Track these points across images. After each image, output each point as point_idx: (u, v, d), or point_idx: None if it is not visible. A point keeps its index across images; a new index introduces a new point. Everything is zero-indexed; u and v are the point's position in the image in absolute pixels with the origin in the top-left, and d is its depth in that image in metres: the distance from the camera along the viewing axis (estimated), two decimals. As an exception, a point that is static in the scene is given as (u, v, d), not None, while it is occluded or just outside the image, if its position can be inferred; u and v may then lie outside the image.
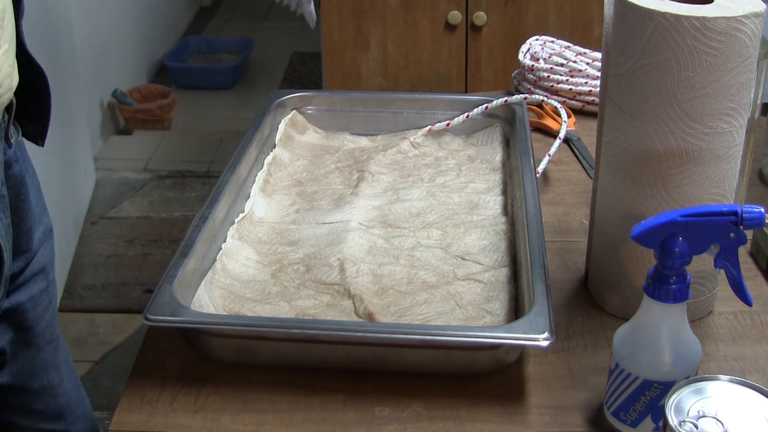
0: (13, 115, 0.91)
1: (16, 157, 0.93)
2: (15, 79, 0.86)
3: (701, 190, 0.73)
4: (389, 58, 1.94)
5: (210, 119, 3.33)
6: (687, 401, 0.55)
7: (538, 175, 0.98)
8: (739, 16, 0.66)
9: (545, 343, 0.66)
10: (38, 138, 0.97)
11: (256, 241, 0.89)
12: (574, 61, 1.25)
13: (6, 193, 0.90)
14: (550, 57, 1.27)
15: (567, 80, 1.24)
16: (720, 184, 0.73)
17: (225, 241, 0.86)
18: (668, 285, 0.61)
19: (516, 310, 0.77)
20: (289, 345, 0.72)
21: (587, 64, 1.25)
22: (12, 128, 0.92)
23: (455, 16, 1.89)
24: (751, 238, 0.89)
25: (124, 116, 3.19)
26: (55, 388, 1.05)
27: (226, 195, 0.88)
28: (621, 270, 0.78)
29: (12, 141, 0.92)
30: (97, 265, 2.42)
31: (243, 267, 0.84)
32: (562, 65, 1.25)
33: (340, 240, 0.87)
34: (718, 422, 0.53)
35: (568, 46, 1.28)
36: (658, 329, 0.63)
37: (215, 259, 0.83)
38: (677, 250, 0.60)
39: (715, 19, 0.66)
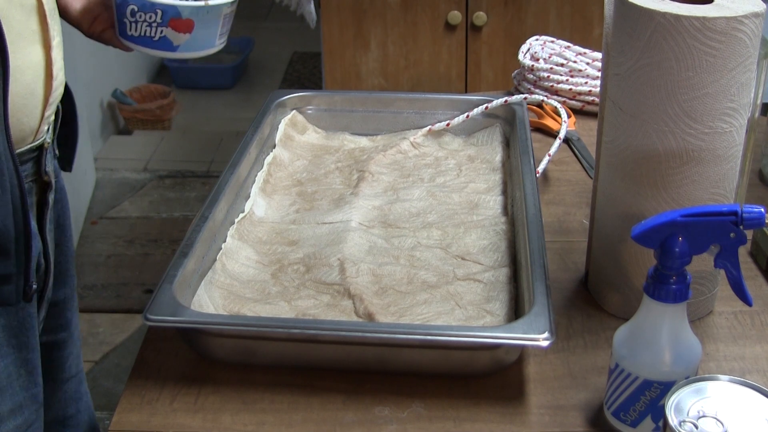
0: (59, 122, 0.87)
1: (59, 171, 0.90)
2: (63, 77, 0.83)
3: (701, 190, 0.73)
4: (389, 58, 1.94)
5: (210, 119, 3.33)
6: (687, 401, 0.55)
7: (538, 175, 0.98)
8: (739, 16, 0.66)
9: (545, 343, 0.66)
10: (66, 164, 0.94)
11: (256, 241, 0.89)
12: (574, 61, 1.25)
13: (53, 200, 0.86)
14: (550, 57, 1.27)
15: (567, 80, 1.24)
16: (720, 184, 0.73)
17: (225, 241, 0.86)
18: (668, 285, 0.61)
19: (516, 310, 0.77)
20: (289, 345, 0.72)
21: (587, 64, 1.25)
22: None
23: (455, 16, 1.89)
24: (751, 238, 0.89)
25: (124, 116, 3.19)
26: (67, 419, 1.03)
27: (226, 195, 0.88)
28: (621, 270, 0.78)
29: (56, 152, 0.89)
30: (97, 265, 2.42)
31: (243, 267, 0.84)
32: (562, 65, 1.25)
33: (340, 240, 0.87)
34: (718, 422, 0.53)
35: (568, 46, 1.28)
36: (658, 329, 0.63)
37: (215, 259, 0.83)
38: (677, 250, 0.60)
39: (715, 19, 0.66)
